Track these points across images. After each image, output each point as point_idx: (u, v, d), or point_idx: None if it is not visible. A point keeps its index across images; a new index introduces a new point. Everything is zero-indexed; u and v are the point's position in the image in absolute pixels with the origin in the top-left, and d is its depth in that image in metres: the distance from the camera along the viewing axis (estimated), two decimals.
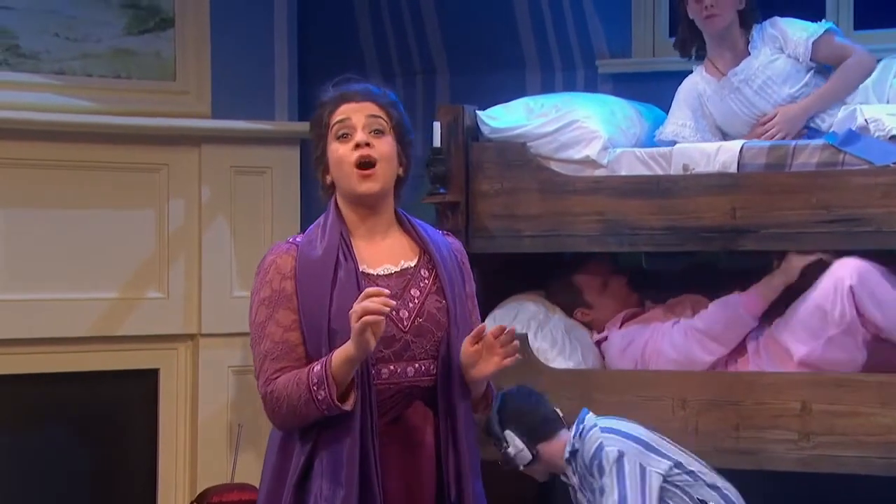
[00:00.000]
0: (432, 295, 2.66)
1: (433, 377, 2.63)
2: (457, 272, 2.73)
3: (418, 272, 2.68)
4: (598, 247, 3.87)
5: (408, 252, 2.70)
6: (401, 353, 2.62)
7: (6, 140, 4.15)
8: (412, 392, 2.63)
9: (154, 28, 4.43)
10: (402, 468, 2.63)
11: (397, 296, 2.64)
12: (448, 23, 4.81)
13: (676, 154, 3.83)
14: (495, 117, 4.00)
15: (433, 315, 2.65)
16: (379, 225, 2.69)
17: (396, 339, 2.61)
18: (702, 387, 3.73)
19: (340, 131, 2.66)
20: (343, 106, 2.67)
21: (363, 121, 2.65)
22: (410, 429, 2.64)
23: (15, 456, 4.25)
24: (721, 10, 3.92)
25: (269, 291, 2.64)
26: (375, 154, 2.64)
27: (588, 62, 4.69)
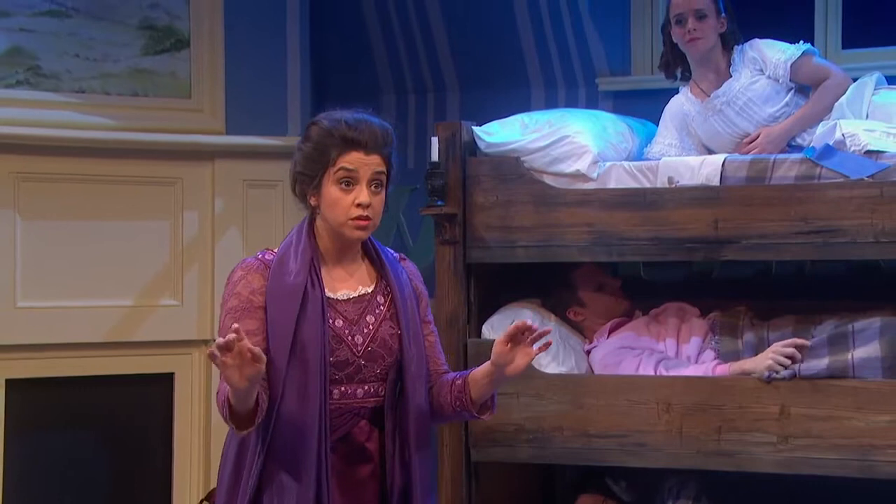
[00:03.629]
0: (386, 321, 2.85)
1: (381, 398, 2.83)
2: (412, 297, 2.90)
3: (374, 298, 2.86)
4: (588, 256, 4.01)
5: (366, 278, 2.89)
6: (353, 376, 2.81)
7: (29, 155, 4.32)
8: (359, 412, 2.82)
9: (170, 49, 4.61)
10: (344, 482, 2.80)
11: (354, 321, 2.82)
12: (457, 43, 4.98)
13: (662, 167, 3.96)
14: (491, 133, 4.14)
15: (385, 341, 2.83)
16: (349, 254, 2.88)
17: (350, 362, 2.80)
18: (686, 392, 3.85)
19: (344, 178, 2.81)
20: (353, 153, 2.80)
21: (368, 176, 2.81)
22: (356, 445, 2.82)
23: (35, 457, 4.42)
24: (703, 33, 4.06)
25: (236, 302, 2.80)
26: (372, 213, 2.82)
27: (589, 80, 4.84)
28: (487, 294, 4.16)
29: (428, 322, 2.96)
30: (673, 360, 4.00)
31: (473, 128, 4.15)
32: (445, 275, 4.12)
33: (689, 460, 3.85)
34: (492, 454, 4.06)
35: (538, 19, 4.83)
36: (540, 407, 3.98)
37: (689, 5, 4.06)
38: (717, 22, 4.09)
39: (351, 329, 2.81)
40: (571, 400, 3.96)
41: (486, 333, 4.12)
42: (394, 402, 2.84)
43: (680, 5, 4.09)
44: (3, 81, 4.35)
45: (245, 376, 2.59)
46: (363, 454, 2.83)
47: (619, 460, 3.96)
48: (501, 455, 4.05)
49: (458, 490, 4.11)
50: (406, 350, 2.83)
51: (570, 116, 4.19)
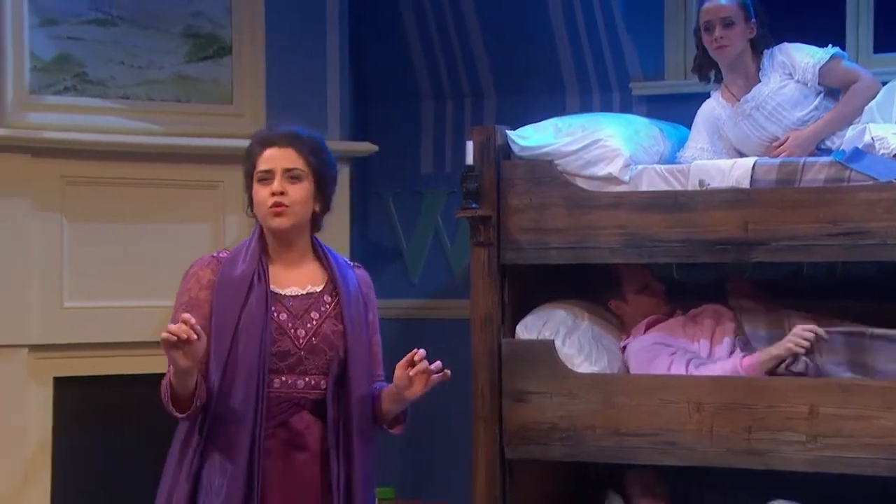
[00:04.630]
0: (330, 318, 3.03)
1: (322, 391, 3.00)
2: (360, 302, 3.08)
3: (322, 297, 3.05)
4: (620, 258, 4.07)
5: (316, 279, 3.08)
6: (293, 367, 2.98)
7: (75, 160, 4.43)
8: (300, 402, 3.00)
9: (213, 56, 4.71)
10: (282, 467, 2.97)
11: (298, 316, 3.01)
12: (494, 49, 5.05)
13: (693, 170, 4.02)
14: (525, 136, 4.21)
15: (328, 336, 3.01)
16: (293, 253, 3.08)
17: (291, 353, 2.98)
18: (716, 391, 3.91)
19: (263, 177, 3.05)
20: (267, 151, 3.06)
21: (282, 168, 3.04)
22: (294, 433, 2.98)
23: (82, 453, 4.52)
24: (730, 41, 4.12)
25: (186, 298, 3.03)
26: (288, 201, 3.03)
27: (623, 85, 4.90)
28: (521, 295, 4.23)
29: (374, 330, 3.15)
30: (703, 360, 4.06)
31: (507, 132, 4.22)
32: (480, 276, 4.19)
33: (720, 459, 3.91)
34: (525, 452, 4.13)
35: (573, 26, 4.90)
36: (573, 406, 4.05)
37: (717, 13, 4.11)
38: (745, 28, 4.13)
39: (294, 322, 3.00)
40: (603, 399, 4.03)
41: (520, 334, 4.19)
42: (336, 395, 3.00)
43: (708, 12, 4.14)
44: (52, 88, 4.46)
45: (188, 356, 2.83)
46: (300, 442, 2.99)
47: (650, 458, 4.02)
48: (535, 453, 4.12)
49: (493, 488, 4.18)
50: (350, 347, 3.00)
51: (603, 120, 4.26)
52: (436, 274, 5.15)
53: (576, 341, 4.17)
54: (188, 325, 2.83)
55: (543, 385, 4.10)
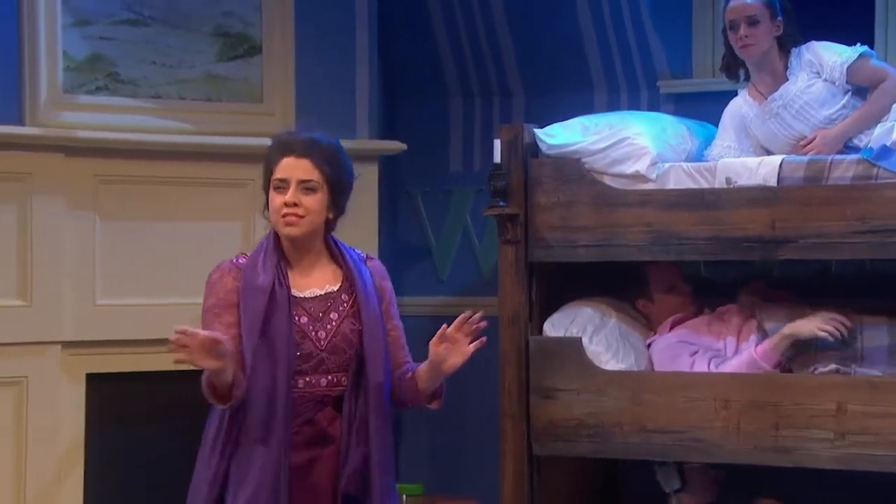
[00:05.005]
0: (349, 318, 3.15)
1: (343, 388, 3.13)
2: (375, 295, 3.18)
3: (339, 296, 3.16)
4: (647, 256, 4.09)
5: (332, 278, 3.18)
6: (316, 367, 3.12)
7: (108, 158, 4.48)
8: (324, 400, 3.13)
9: (243, 55, 4.75)
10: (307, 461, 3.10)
11: (317, 318, 3.13)
12: (522, 48, 5.06)
13: (721, 168, 4.03)
14: (553, 135, 4.23)
15: (347, 336, 3.13)
16: (308, 257, 3.18)
17: (313, 355, 3.11)
18: (743, 388, 3.92)
19: (279, 185, 3.15)
20: (285, 160, 3.15)
21: (297, 179, 3.13)
22: (319, 429, 3.12)
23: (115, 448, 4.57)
24: (755, 39, 4.11)
25: (214, 300, 3.16)
26: (301, 211, 3.13)
27: (651, 83, 4.90)
28: (549, 292, 4.25)
29: (392, 317, 3.25)
30: (724, 357, 4.06)
31: (535, 130, 4.24)
32: (508, 274, 4.21)
33: (747, 456, 3.92)
34: (553, 449, 4.16)
35: (601, 24, 4.91)
36: (600, 403, 4.07)
37: (742, 12, 4.11)
38: (771, 26, 4.12)
39: (315, 325, 3.12)
40: (631, 396, 4.04)
41: (547, 331, 4.21)
42: (354, 390, 3.13)
43: (733, 11, 4.14)
44: (84, 87, 4.52)
45: (214, 357, 2.94)
46: (325, 436, 3.13)
47: (677, 455, 4.05)
48: (562, 449, 4.14)
49: (520, 484, 4.21)
50: (367, 345, 3.12)
51: (630, 118, 4.27)
52: (464, 271, 5.17)
53: (603, 339, 4.19)
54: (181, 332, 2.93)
55: (571, 382, 4.12)
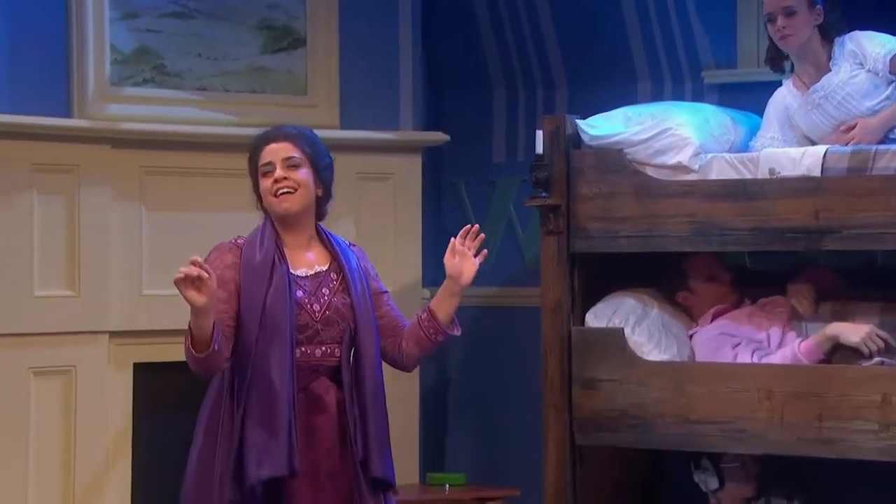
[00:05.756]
0: (339, 293, 3.40)
1: (337, 359, 3.37)
2: (361, 275, 3.45)
3: (329, 275, 3.41)
4: (689, 247, 4.08)
5: (322, 260, 3.44)
6: (311, 338, 3.35)
7: (153, 150, 4.54)
8: (318, 369, 3.36)
9: (287, 47, 4.79)
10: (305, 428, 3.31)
11: (312, 293, 3.37)
12: (565, 39, 5.06)
13: (764, 159, 4.01)
14: (595, 126, 4.23)
15: (339, 309, 3.38)
16: (301, 238, 3.44)
17: (309, 326, 3.35)
18: (787, 379, 3.91)
19: (265, 171, 3.41)
20: (266, 148, 3.42)
21: (281, 159, 3.38)
22: (314, 397, 3.35)
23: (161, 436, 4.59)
24: (793, 30, 4.08)
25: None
26: (291, 183, 3.38)
27: (695, 74, 4.88)
28: (591, 283, 4.25)
29: (383, 292, 3.52)
30: (767, 350, 4.05)
31: (577, 121, 4.25)
32: (550, 264, 4.23)
33: (790, 447, 3.91)
34: (596, 439, 4.16)
35: (645, 14, 4.90)
36: (643, 393, 4.07)
37: (778, 3, 4.07)
38: (810, 15, 4.08)
39: (310, 298, 3.36)
40: (674, 387, 4.04)
41: (589, 322, 4.22)
42: (349, 361, 3.38)
43: (769, 3, 4.10)
44: (131, 80, 4.57)
45: (202, 293, 3.16)
46: (321, 404, 3.36)
47: (720, 446, 4.04)
48: (605, 440, 4.15)
49: (563, 474, 4.22)
50: (357, 314, 3.38)
51: (673, 109, 4.26)
52: (508, 262, 5.18)
53: (645, 329, 4.18)
54: (197, 264, 3.16)
55: (613, 372, 4.12)
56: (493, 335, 5.14)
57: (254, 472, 3.25)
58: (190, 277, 3.15)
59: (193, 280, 3.16)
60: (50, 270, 4.39)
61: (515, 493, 4.66)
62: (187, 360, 3.30)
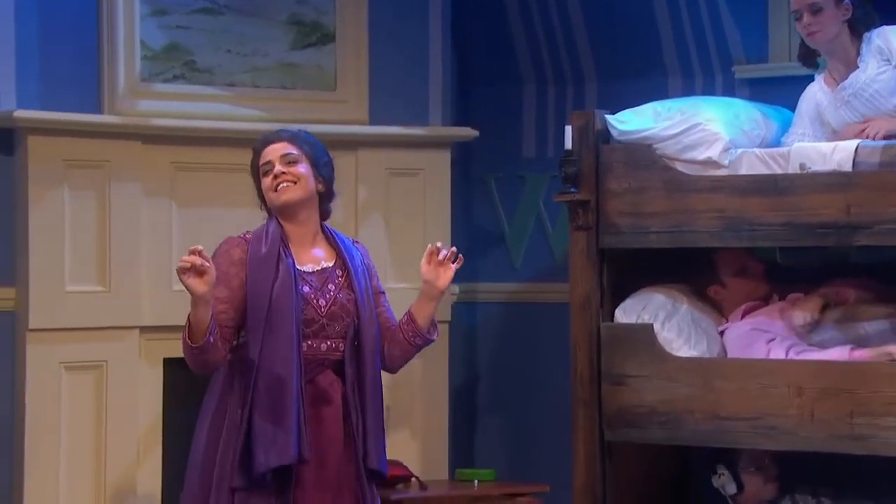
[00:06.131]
0: (344, 289, 3.54)
1: (341, 353, 3.51)
2: (364, 271, 3.59)
3: (334, 271, 3.55)
4: (719, 242, 4.07)
5: (327, 257, 3.58)
6: (317, 332, 3.50)
7: (183, 146, 4.55)
8: (324, 362, 3.51)
9: (316, 43, 4.79)
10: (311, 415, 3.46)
11: (318, 288, 3.51)
12: (596, 34, 5.05)
13: (794, 154, 3.99)
14: (624, 121, 4.22)
15: (344, 304, 3.52)
16: (307, 235, 3.58)
17: (315, 321, 3.49)
18: (817, 376, 3.89)
19: (265, 169, 3.58)
20: (265, 150, 3.60)
21: (279, 156, 3.56)
22: (320, 389, 3.50)
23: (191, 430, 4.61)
24: (820, 26, 4.05)
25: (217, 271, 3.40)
26: (291, 177, 3.54)
27: (726, 68, 4.85)
28: (620, 278, 4.24)
29: (381, 293, 3.66)
30: (804, 346, 4.03)
31: (606, 116, 4.24)
32: (579, 260, 4.22)
33: (821, 444, 3.89)
34: (624, 435, 4.16)
35: (675, 8, 4.88)
36: (672, 389, 4.06)
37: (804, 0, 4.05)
38: (837, 11, 4.05)
39: (316, 294, 3.50)
40: (703, 383, 4.03)
41: (618, 318, 4.21)
42: (353, 356, 3.52)
43: (796, 1, 4.07)
44: (161, 76, 4.59)
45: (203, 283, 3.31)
46: (326, 397, 3.50)
47: (750, 442, 4.03)
48: (634, 436, 4.14)
49: (592, 470, 4.21)
50: (361, 310, 3.52)
51: (703, 104, 4.24)
52: (537, 258, 5.18)
53: (675, 325, 4.17)
54: (198, 254, 3.30)
55: (642, 368, 4.11)
56: (522, 331, 5.14)
57: (262, 461, 3.37)
58: (194, 267, 3.28)
59: (196, 268, 3.29)
60: (81, 266, 4.42)
61: (545, 490, 4.66)
62: (184, 353, 3.44)
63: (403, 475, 4.62)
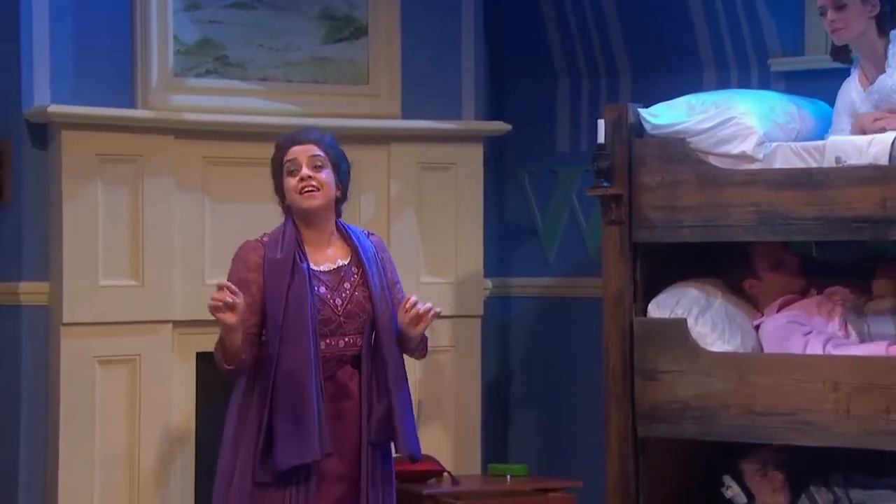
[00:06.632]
0: (360, 287, 3.65)
1: (358, 348, 3.63)
2: (379, 266, 3.70)
3: (350, 269, 3.66)
4: (753, 236, 4.03)
5: (343, 254, 3.69)
6: (335, 331, 3.61)
7: (216, 140, 4.56)
8: (343, 358, 3.63)
9: (349, 37, 4.80)
10: (332, 410, 3.59)
11: (334, 288, 3.63)
12: (629, 26, 5.02)
13: (829, 147, 3.95)
14: (657, 114, 4.19)
15: (360, 302, 3.64)
16: (323, 235, 3.70)
17: (332, 320, 3.61)
18: (853, 371, 3.85)
19: (290, 168, 3.68)
20: (292, 148, 3.70)
21: (306, 158, 3.67)
22: (340, 384, 3.63)
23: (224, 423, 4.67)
24: (844, 23, 4.00)
25: (235, 278, 3.62)
26: (316, 182, 3.66)
27: (761, 61, 4.81)
28: (653, 273, 4.22)
29: (396, 283, 3.77)
30: (843, 341, 3.99)
31: (639, 110, 4.21)
32: (612, 254, 4.20)
33: (856, 440, 3.85)
34: (657, 430, 4.13)
35: (710, 1, 4.84)
36: (706, 384, 4.04)
37: None
38: (863, 8, 3.99)
39: (332, 294, 3.61)
40: (738, 378, 4.00)
41: (651, 312, 4.18)
42: (370, 350, 3.63)
43: None
44: (194, 71, 4.60)
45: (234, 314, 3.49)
46: (346, 391, 3.63)
47: (785, 438, 3.99)
48: (667, 431, 4.12)
49: (625, 466, 4.19)
50: (377, 307, 3.62)
51: (737, 97, 4.20)
52: (571, 253, 5.16)
53: (709, 320, 4.14)
54: (228, 289, 3.46)
55: (676, 363, 4.09)
56: (555, 326, 5.12)
57: (283, 460, 3.51)
58: (225, 303, 3.43)
59: (227, 305, 3.45)
60: (114, 260, 4.44)
61: (577, 485, 4.64)
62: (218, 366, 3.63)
63: (436, 470, 4.61)
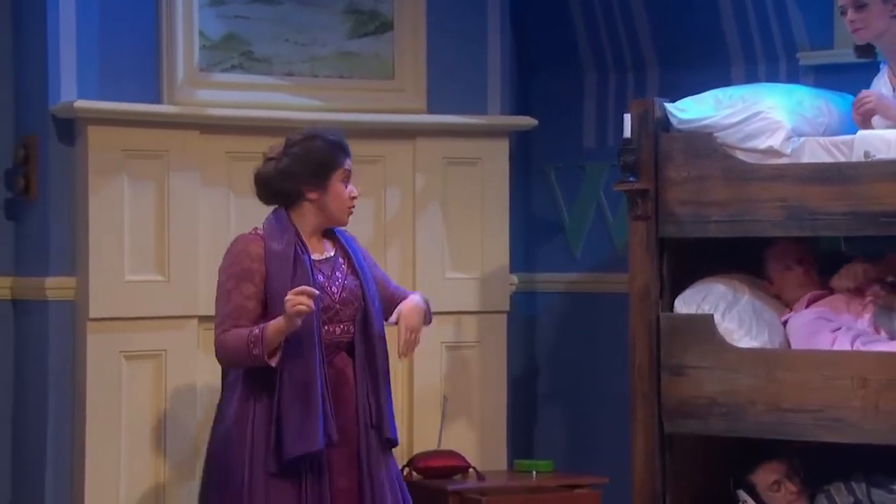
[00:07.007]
0: (350, 276, 3.79)
1: (351, 335, 3.75)
2: (363, 260, 3.85)
3: (337, 259, 3.81)
4: (781, 231, 4.01)
5: (329, 247, 3.83)
6: (332, 318, 3.73)
7: (241, 135, 4.55)
8: (339, 345, 3.74)
9: (374, 31, 4.79)
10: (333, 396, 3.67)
11: (329, 276, 3.75)
12: (657, 20, 4.99)
13: (858, 142, 3.92)
14: (684, 109, 4.18)
15: (352, 290, 3.77)
16: (320, 230, 3.81)
17: (331, 308, 3.73)
18: (882, 367, 3.83)
19: (346, 178, 3.81)
20: (348, 160, 3.83)
21: (352, 174, 3.83)
22: (338, 370, 3.74)
23: None
24: (864, 23, 3.98)
25: (238, 268, 3.70)
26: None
27: (790, 55, 4.77)
28: (680, 268, 4.20)
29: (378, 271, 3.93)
30: (871, 337, 3.96)
31: (666, 104, 4.20)
32: (638, 250, 4.18)
33: (885, 436, 3.83)
34: (684, 426, 4.12)
35: None
36: (733, 381, 4.02)
37: None
38: (884, 7, 3.96)
39: (328, 282, 3.74)
40: (765, 374, 3.98)
41: (678, 308, 4.17)
42: (361, 337, 3.75)
43: None
44: (220, 66, 4.60)
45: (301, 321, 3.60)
46: (343, 377, 3.74)
47: (813, 435, 3.96)
48: (694, 428, 4.10)
49: (652, 462, 4.18)
50: (367, 292, 3.77)
51: (765, 91, 4.18)
52: (597, 248, 5.14)
53: (736, 315, 4.12)
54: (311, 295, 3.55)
55: (703, 359, 4.07)
56: (581, 321, 5.11)
57: (291, 449, 3.60)
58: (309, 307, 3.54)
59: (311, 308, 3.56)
60: (140, 255, 4.45)
61: (604, 481, 4.62)
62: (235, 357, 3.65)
63: (461, 466, 4.60)
